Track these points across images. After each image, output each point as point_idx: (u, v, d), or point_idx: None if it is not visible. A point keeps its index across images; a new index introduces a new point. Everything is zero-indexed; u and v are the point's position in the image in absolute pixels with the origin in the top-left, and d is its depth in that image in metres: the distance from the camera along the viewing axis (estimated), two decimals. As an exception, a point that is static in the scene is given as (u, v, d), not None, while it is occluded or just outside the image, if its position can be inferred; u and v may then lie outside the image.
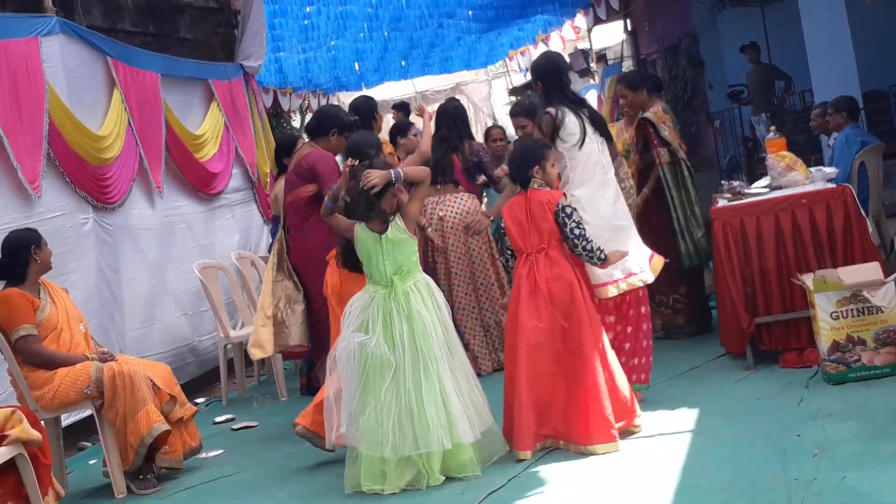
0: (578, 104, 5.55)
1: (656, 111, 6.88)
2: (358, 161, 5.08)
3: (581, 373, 4.84)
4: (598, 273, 5.22)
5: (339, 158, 6.51)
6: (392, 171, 4.87)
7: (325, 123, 6.21)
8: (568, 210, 4.95)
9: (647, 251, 5.53)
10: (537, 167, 5.03)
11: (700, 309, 7.05)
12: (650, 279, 5.45)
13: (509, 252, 5.23)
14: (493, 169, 7.07)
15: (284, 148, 7.77)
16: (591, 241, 4.96)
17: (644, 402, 5.34)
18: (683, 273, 6.81)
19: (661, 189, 6.78)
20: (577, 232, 4.93)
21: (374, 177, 4.81)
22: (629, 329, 5.43)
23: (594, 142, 5.45)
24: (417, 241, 5.08)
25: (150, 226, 7.92)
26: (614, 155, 5.86)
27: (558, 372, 4.87)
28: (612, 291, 5.31)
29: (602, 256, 4.95)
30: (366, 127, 6.68)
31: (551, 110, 5.43)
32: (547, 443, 4.90)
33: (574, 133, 5.38)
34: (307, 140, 6.37)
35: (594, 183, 5.42)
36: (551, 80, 5.56)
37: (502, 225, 5.15)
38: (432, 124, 5.70)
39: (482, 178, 7.13)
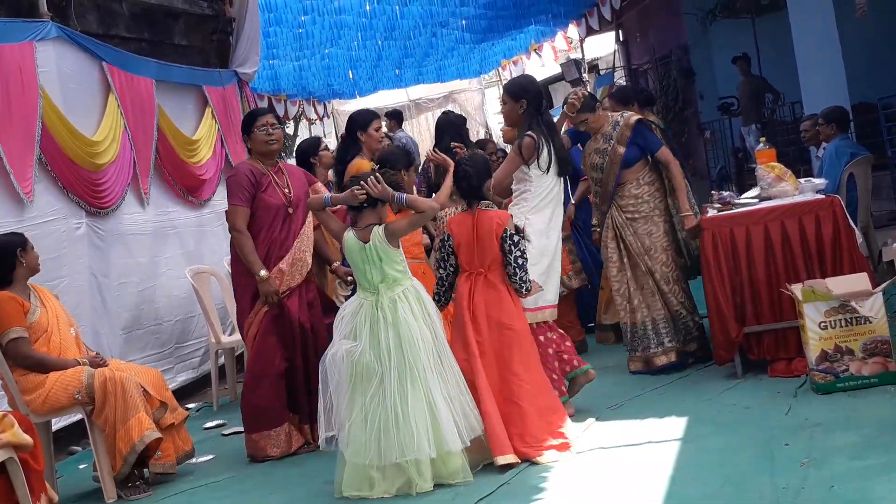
0: (552, 131, 5.72)
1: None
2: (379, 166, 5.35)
3: (516, 391, 4.97)
4: (529, 300, 5.39)
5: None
6: (396, 195, 4.95)
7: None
8: (515, 238, 5.07)
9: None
10: (489, 181, 5.24)
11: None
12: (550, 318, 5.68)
13: (452, 268, 5.20)
14: None
15: (308, 151, 7.60)
16: (527, 272, 5.10)
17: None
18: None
19: None
20: (520, 262, 5.08)
21: (377, 190, 4.90)
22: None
23: (557, 174, 5.67)
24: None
25: (143, 231, 7.93)
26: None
27: (498, 389, 4.98)
28: (550, 315, 5.61)
29: (528, 288, 5.13)
30: (352, 140, 6.62)
31: (533, 134, 5.58)
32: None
33: (545, 160, 5.59)
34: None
35: (548, 213, 5.65)
36: (535, 102, 5.70)
37: (445, 238, 5.20)
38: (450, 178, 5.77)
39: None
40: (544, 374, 5.17)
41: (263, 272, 5.76)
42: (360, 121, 6.66)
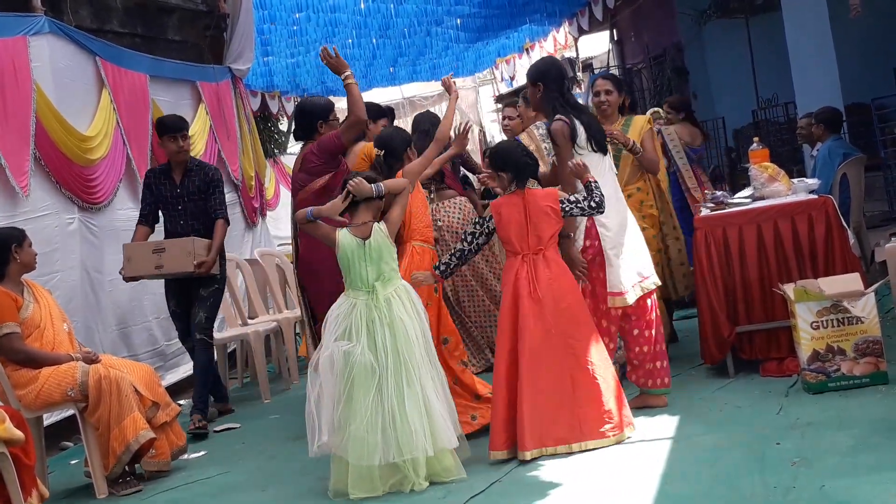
0: (578, 110, 5.48)
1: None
2: (384, 153, 5.41)
3: (583, 374, 4.90)
4: (613, 281, 5.29)
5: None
6: (374, 186, 4.93)
7: (308, 120, 6.13)
8: (573, 198, 5.04)
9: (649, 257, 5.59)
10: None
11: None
12: (658, 282, 5.56)
13: (476, 247, 5.12)
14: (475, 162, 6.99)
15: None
16: (592, 196, 5.05)
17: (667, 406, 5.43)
18: None
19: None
20: (593, 204, 5.04)
21: (361, 188, 4.89)
22: (647, 333, 5.45)
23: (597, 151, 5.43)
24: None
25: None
26: None
27: (561, 375, 4.89)
28: (630, 298, 5.35)
29: (601, 202, 5.08)
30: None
31: (563, 117, 5.34)
32: (548, 450, 4.85)
33: (584, 138, 5.37)
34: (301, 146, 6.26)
35: (607, 190, 5.38)
36: (553, 83, 5.47)
37: (487, 218, 5.10)
38: (455, 108, 5.94)
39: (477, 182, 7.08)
40: (607, 353, 5.08)
41: None
42: (374, 112, 6.78)
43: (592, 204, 5.05)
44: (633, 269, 5.38)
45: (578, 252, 5.31)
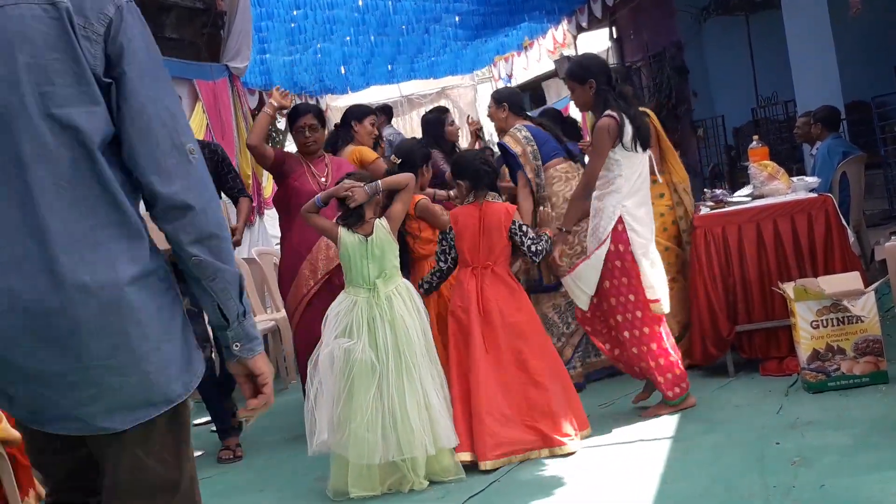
0: (629, 103, 5.33)
1: None
2: (400, 161, 5.57)
3: (540, 383, 4.94)
4: (647, 286, 5.21)
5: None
6: (368, 186, 4.91)
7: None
8: (524, 228, 5.09)
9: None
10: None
11: None
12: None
13: (452, 261, 5.16)
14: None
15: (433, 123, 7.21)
16: (539, 242, 5.08)
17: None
18: None
19: None
20: (533, 249, 5.07)
21: (357, 196, 4.87)
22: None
23: (640, 151, 5.29)
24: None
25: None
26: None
27: (514, 388, 4.92)
28: (666, 307, 5.27)
29: (546, 253, 5.13)
30: (345, 134, 6.65)
31: (614, 114, 5.21)
32: (514, 458, 4.85)
33: (630, 138, 5.21)
34: None
35: (642, 194, 5.32)
36: (603, 77, 5.32)
37: (448, 231, 5.16)
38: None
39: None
40: (560, 361, 5.16)
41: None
42: (358, 112, 6.75)
43: (533, 248, 5.08)
44: (662, 283, 5.31)
45: (558, 257, 5.34)
